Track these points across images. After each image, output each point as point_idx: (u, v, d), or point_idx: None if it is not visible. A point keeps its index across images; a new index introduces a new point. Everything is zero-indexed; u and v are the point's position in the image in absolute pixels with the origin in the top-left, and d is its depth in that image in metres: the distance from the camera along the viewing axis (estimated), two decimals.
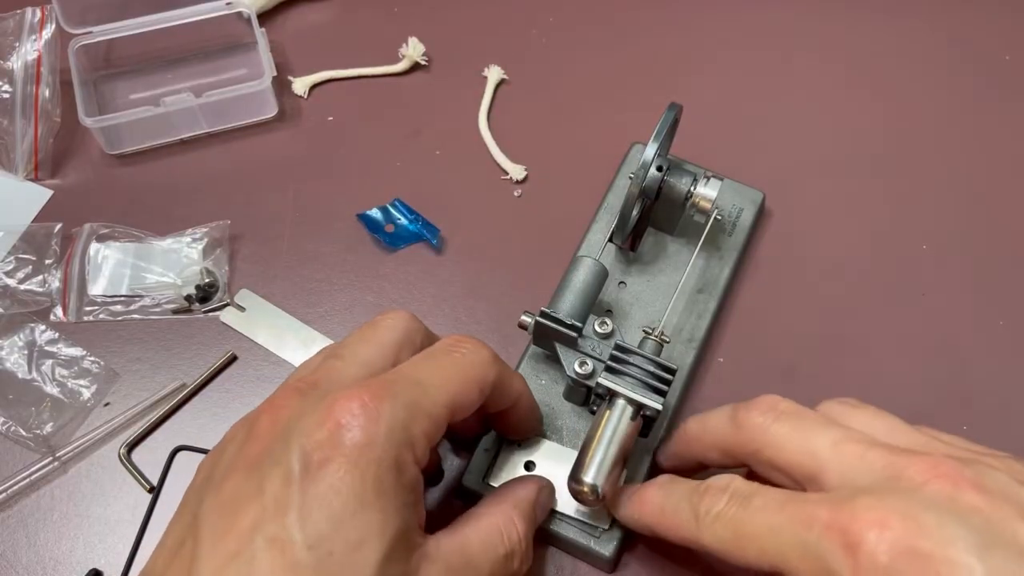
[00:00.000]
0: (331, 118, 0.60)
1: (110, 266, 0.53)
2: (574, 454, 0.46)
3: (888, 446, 0.35)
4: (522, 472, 0.46)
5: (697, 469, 0.43)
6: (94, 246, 0.53)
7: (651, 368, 0.42)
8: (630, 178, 0.46)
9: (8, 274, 0.52)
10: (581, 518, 0.45)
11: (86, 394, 0.50)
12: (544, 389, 0.49)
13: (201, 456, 0.45)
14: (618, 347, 0.43)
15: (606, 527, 0.44)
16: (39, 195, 0.56)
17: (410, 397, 0.35)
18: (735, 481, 0.37)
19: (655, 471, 0.48)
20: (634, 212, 0.49)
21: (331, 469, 0.32)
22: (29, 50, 0.56)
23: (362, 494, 0.32)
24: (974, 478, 0.33)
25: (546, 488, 0.43)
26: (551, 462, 0.46)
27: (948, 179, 0.58)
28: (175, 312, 0.53)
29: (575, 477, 0.40)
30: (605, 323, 0.45)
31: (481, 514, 0.39)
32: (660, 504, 0.40)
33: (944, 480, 0.32)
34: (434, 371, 0.37)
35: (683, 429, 0.43)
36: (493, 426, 0.46)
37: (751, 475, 0.39)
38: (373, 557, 0.32)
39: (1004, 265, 0.55)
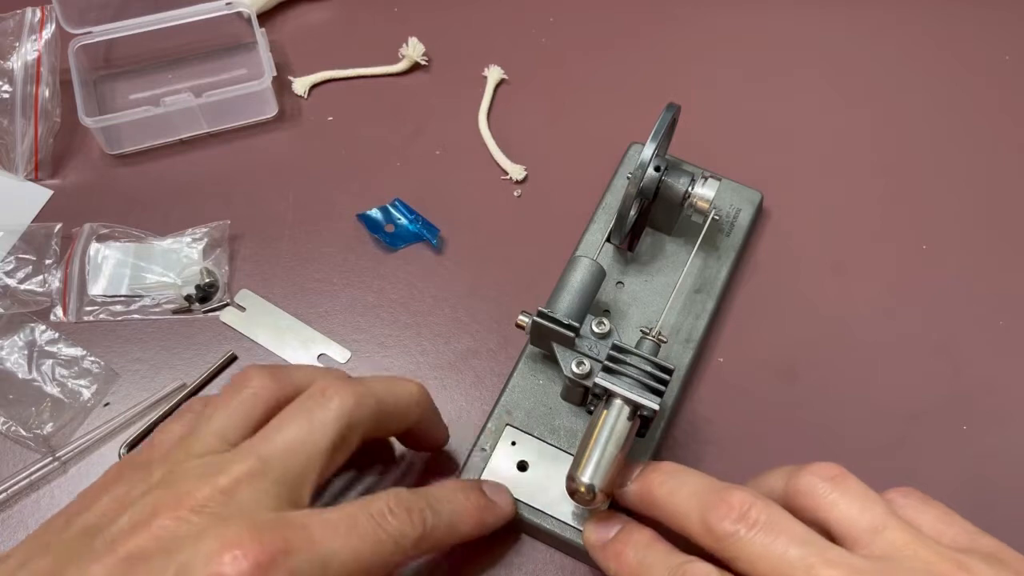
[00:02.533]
0: (331, 118, 0.60)
1: (110, 266, 0.53)
2: (567, 455, 0.46)
3: (865, 573, 0.33)
4: (515, 472, 0.46)
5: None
6: (94, 246, 0.54)
7: (648, 368, 0.42)
8: (628, 178, 0.46)
9: (8, 274, 0.53)
10: (575, 524, 0.45)
11: (86, 394, 0.50)
12: (542, 389, 0.49)
13: None
14: (615, 347, 0.43)
15: None
16: (39, 195, 0.56)
17: (305, 557, 0.33)
18: None
19: None
20: (632, 212, 0.49)
21: None
22: (29, 50, 0.56)
23: None
24: None
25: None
26: (545, 462, 0.46)
27: (947, 179, 0.58)
28: (175, 312, 0.53)
29: (572, 477, 0.40)
30: (603, 323, 0.45)
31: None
32: (635, 568, 0.39)
33: None
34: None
35: (647, 489, 0.40)
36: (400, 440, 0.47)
37: None
38: None
39: (1004, 265, 0.55)
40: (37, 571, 0.33)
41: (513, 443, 0.47)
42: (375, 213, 0.56)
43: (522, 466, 0.46)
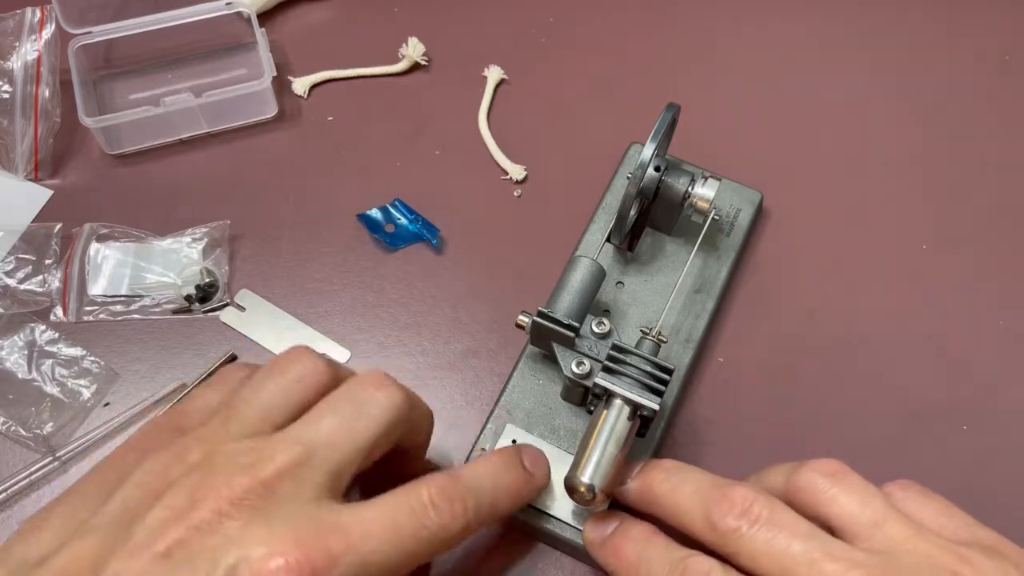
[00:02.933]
0: (331, 118, 0.60)
1: (110, 266, 0.53)
2: (568, 455, 0.46)
3: (868, 567, 0.33)
4: None
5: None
6: (94, 246, 0.54)
7: (648, 368, 0.42)
8: (628, 178, 0.46)
9: (8, 274, 0.53)
10: (575, 524, 0.45)
11: (86, 394, 0.50)
12: (542, 389, 0.49)
13: None
14: (615, 347, 0.43)
15: None
16: (39, 195, 0.56)
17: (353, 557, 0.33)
18: (714, 571, 0.36)
19: None
20: (632, 212, 0.49)
21: None
22: (29, 50, 0.56)
23: None
24: None
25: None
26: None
27: (948, 179, 0.58)
28: (175, 312, 0.53)
29: (572, 477, 0.40)
30: (603, 323, 0.45)
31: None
32: (635, 563, 0.39)
33: None
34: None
35: (648, 486, 0.40)
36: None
37: None
38: None
39: (1004, 265, 0.55)
40: (80, 555, 0.32)
41: (513, 442, 0.47)
42: (375, 213, 0.56)
43: None
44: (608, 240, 0.50)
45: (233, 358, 0.51)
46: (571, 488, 0.40)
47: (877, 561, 0.34)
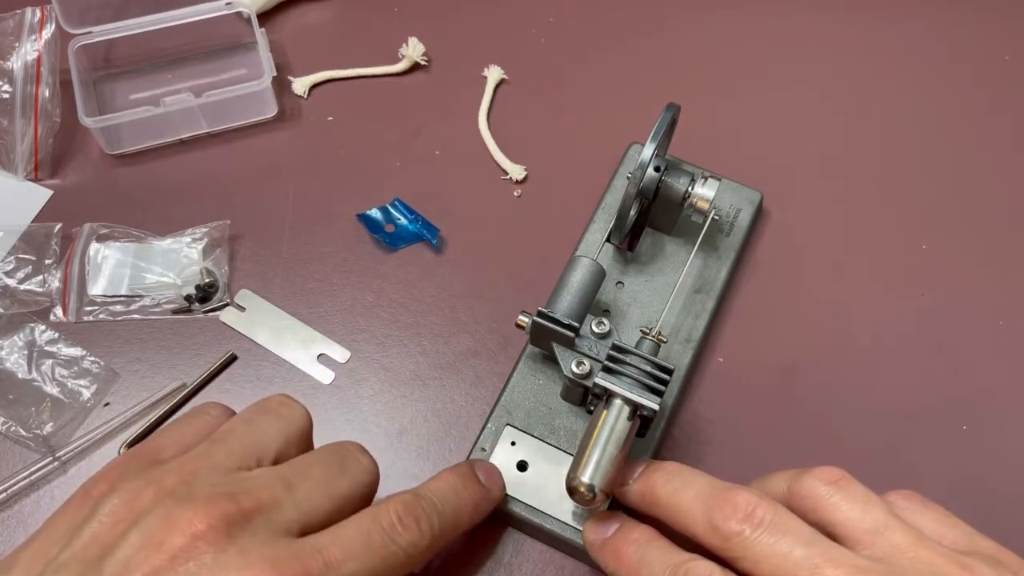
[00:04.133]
0: (331, 118, 0.60)
1: (110, 266, 0.53)
2: (567, 455, 0.46)
3: (871, 573, 0.33)
4: (515, 472, 0.46)
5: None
6: (94, 246, 0.54)
7: (648, 368, 0.42)
8: (628, 178, 0.46)
9: (8, 274, 0.53)
10: (575, 524, 0.45)
11: (86, 394, 0.50)
12: (542, 389, 0.49)
13: None
14: (615, 347, 0.43)
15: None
16: (39, 195, 0.56)
17: None
18: (715, 575, 0.35)
19: None
20: (632, 212, 0.49)
21: None
22: (29, 50, 0.56)
23: None
24: None
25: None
26: (545, 462, 0.46)
27: (948, 179, 0.58)
28: (175, 312, 0.53)
29: (572, 477, 0.40)
30: (602, 323, 0.45)
31: None
32: (635, 566, 0.39)
33: None
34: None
35: (650, 487, 0.40)
36: None
37: None
38: None
39: (1004, 265, 0.55)
40: None
41: (513, 443, 0.47)
42: (375, 213, 0.56)
43: (522, 466, 0.46)
44: (608, 240, 0.50)
45: (233, 358, 0.51)
46: (571, 488, 0.40)
47: (880, 568, 0.34)
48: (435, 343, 0.52)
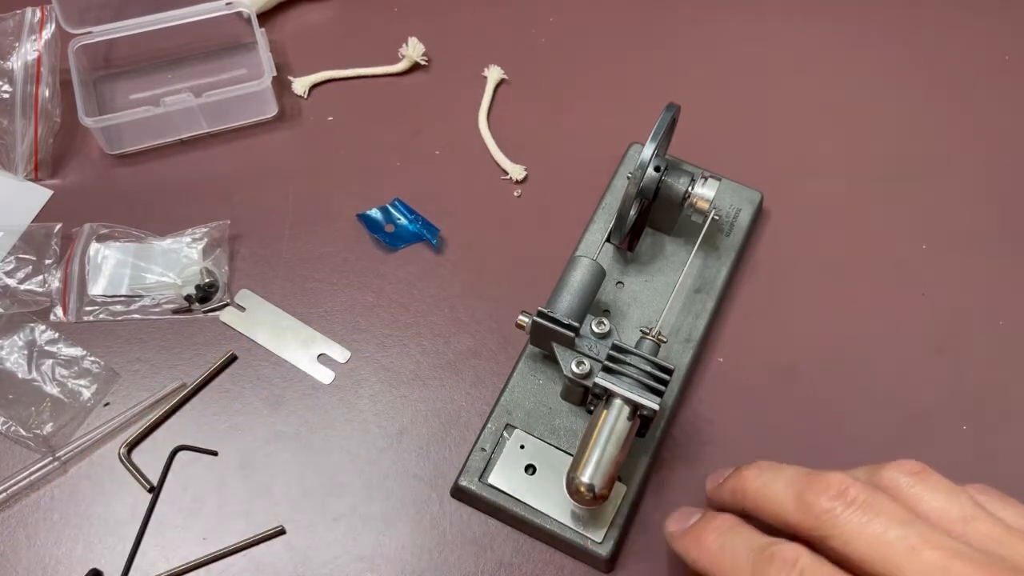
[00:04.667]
0: (331, 118, 0.60)
1: (110, 266, 0.53)
2: (568, 455, 0.46)
3: (971, 559, 0.33)
4: (522, 475, 0.46)
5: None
6: (94, 246, 0.54)
7: (648, 368, 0.42)
8: (628, 178, 0.46)
9: (8, 274, 0.53)
10: (575, 527, 0.45)
11: (86, 394, 0.50)
12: (542, 389, 0.49)
13: (201, 456, 0.45)
14: (615, 347, 0.43)
15: (599, 540, 0.45)
16: (39, 195, 0.56)
17: None
18: (803, 557, 0.34)
19: (652, 472, 0.48)
20: (632, 212, 0.49)
21: None
22: (29, 50, 0.56)
23: None
24: None
25: None
26: (553, 467, 0.46)
27: (948, 179, 0.58)
28: (175, 312, 0.53)
29: (572, 476, 0.40)
30: (602, 323, 0.45)
31: None
32: (717, 553, 0.37)
33: None
34: None
35: (740, 483, 0.40)
36: None
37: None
38: None
39: (1004, 265, 0.55)
40: None
41: (522, 446, 0.47)
42: (375, 213, 0.56)
43: (529, 469, 0.46)
44: (608, 240, 0.50)
45: (233, 358, 0.51)
46: (571, 488, 0.40)
47: (979, 556, 0.33)
48: (435, 343, 0.52)
